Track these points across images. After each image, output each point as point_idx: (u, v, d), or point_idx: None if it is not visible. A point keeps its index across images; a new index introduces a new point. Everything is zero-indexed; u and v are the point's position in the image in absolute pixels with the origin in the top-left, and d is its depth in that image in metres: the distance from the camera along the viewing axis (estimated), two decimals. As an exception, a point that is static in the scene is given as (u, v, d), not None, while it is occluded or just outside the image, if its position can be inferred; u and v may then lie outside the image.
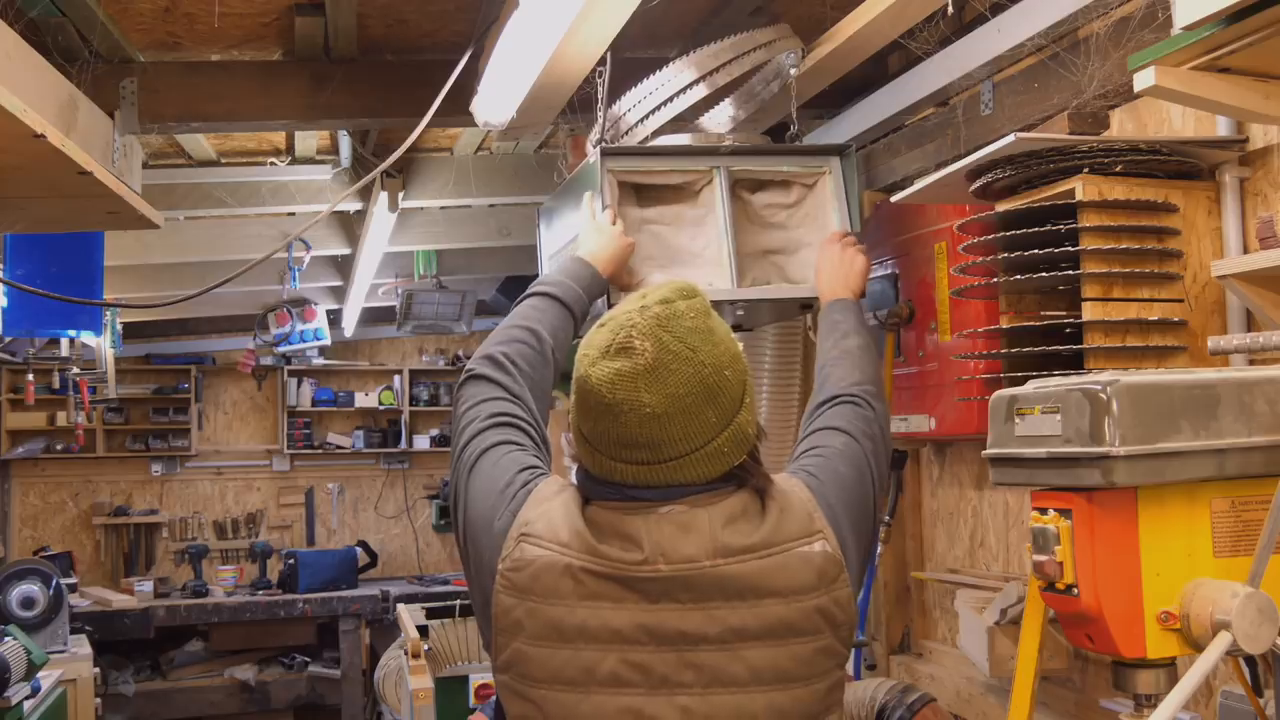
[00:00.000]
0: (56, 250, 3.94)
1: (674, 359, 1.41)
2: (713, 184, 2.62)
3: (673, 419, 1.41)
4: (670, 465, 1.45)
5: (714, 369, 1.43)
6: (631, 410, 1.41)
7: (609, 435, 1.45)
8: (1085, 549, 1.55)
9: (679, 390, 1.41)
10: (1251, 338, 1.80)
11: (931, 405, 3.01)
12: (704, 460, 1.46)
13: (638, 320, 1.44)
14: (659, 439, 1.42)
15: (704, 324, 1.46)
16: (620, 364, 1.42)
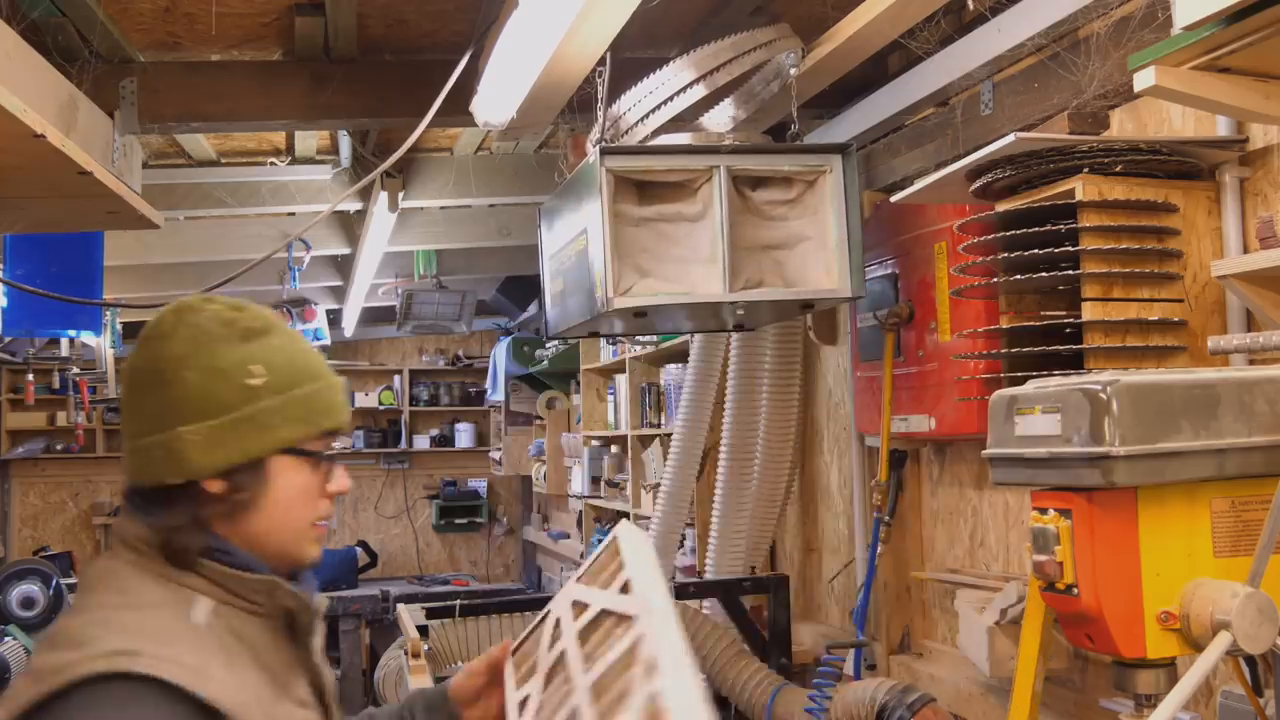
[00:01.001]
0: (56, 250, 3.94)
1: (155, 332, 1.31)
2: (712, 182, 2.62)
3: (127, 388, 1.31)
4: (125, 447, 1.31)
5: (175, 359, 1.27)
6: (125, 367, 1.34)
7: None
8: (1085, 549, 1.55)
9: (139, 363, 1.30)
10: (1251, 338, 1.80)
11: (931, 405, 3.01)
12: (135, 455, 1.28)
13: (180, 300, 1.35)
14: (121, 408, 1.33)
15: (210, 327, 1.30)
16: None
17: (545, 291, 3.16)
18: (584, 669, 1.39)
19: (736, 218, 2.65)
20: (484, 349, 9.11)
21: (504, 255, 6.12)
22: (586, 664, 1.39)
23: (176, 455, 1.26)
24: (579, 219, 2.74)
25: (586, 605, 1.49)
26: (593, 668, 1.37)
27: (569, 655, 1.48)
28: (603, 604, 1.46)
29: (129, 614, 1.20)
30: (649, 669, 1.23)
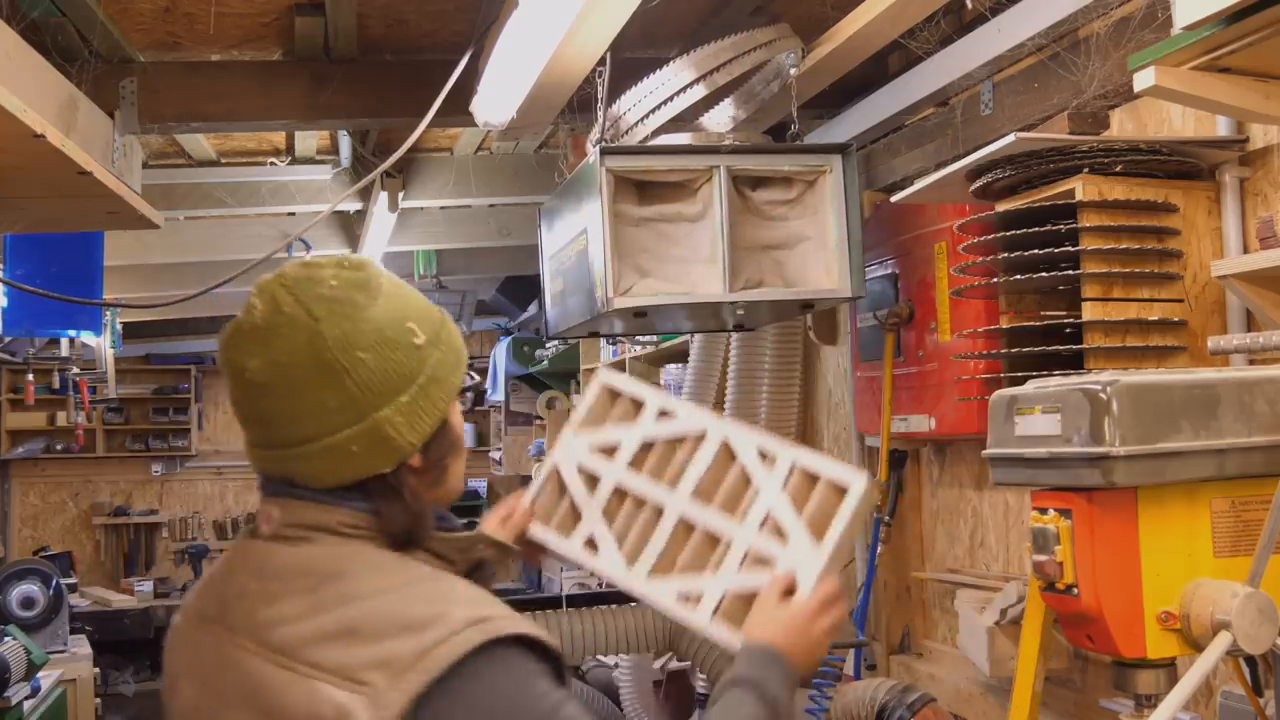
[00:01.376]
0: (56, 250, 3.94)
1: (287, 322, 1.17)
2: (712, 182, 2.63)
3: (276, 391, 1.16)
4: (287, 454, 1.18)
5: (339, 343, 1.16)
6: (236, 374, 1.19)
7: (232, 404, 1.24)
8: (1085, 549, 1.55)
9: (284, 358, 1.16)
10: (1251, 338, 1.80)
11: (931, 405, 3.01)
12: (324, 456, 1.17)
13: (267, 279, 1.23)
14: (268, 416, 1.18)
15: (348, 296, 1.19)
16: (234, 323, 1.21)
17: (545, 291, 3.17)
18: (690, 486, 1.73)
19: (736, 218, 2.65)
20: (484, 349, 9.11)
21: (504, 255, 6.12)
22: (677, 482, 1.74)
23: (384, 443, 1.19)
24: (579, 219, 2.74)
25: (616, 443, 1.80)
26: (694, 482, 1.73)
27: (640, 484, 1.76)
28: (644, 435, 1.81)
29: (429, 586, 1.17)
30: (774, 454, 1.69)
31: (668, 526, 1.75)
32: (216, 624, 1.20)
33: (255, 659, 1.14)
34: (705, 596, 1.68)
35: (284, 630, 1.13)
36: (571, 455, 1.82)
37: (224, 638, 1.18)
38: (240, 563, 1.24)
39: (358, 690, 1.07)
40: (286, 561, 1.18)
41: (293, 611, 1.14)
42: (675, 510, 1.75)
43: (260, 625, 1.15)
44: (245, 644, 1.15)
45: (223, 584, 1.24)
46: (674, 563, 1.74)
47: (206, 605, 1.24)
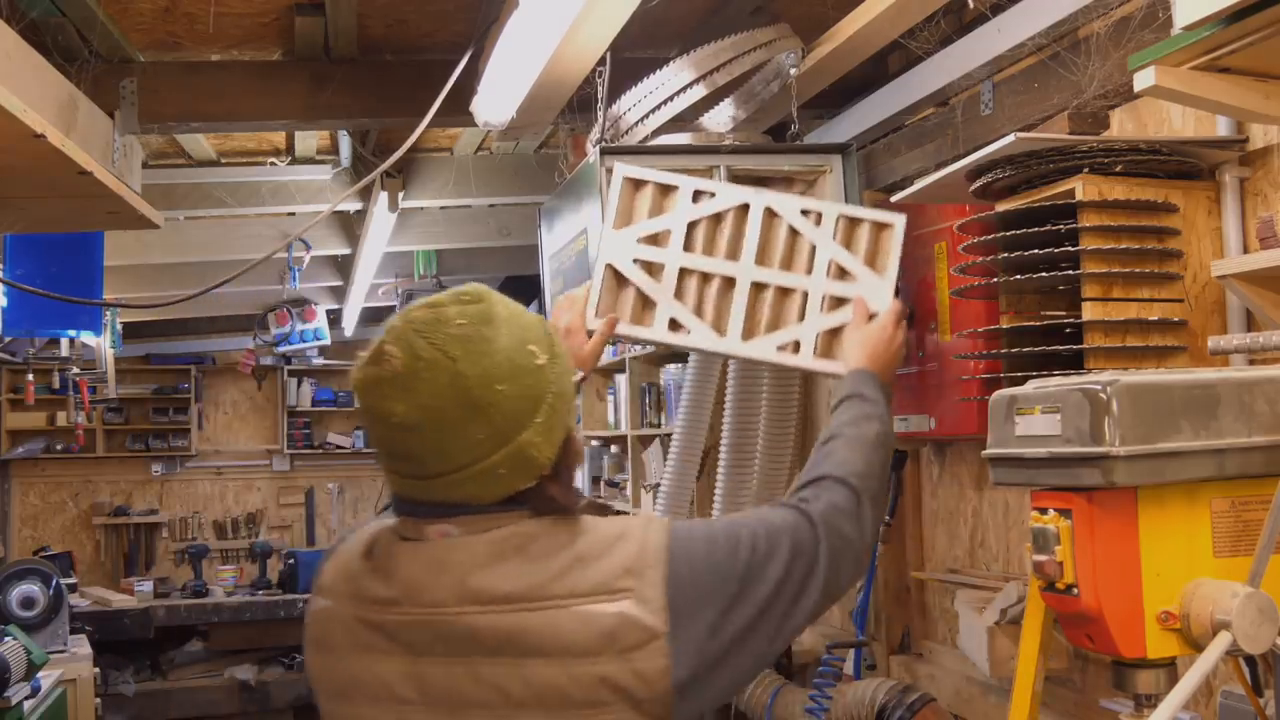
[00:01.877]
0: (56, 250, 3.94)
1: (426, 367, 1.26)
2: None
3: (426, 432, 1.27)
4: (436, 482, 1.30)
5: (479, 381, 1.26)
6: (383, 419, 1.29)
7: (377, 443, 1.34)
8: (1085, 549, 1.55)
9: (433, 401, 1.26)
10: (1251, 338, 1.80)
11: (931, 405, 3.01)
12: (475, 480, 1.29)
13: (397, 325, 1.31)
14: (418, 452, 1.29)
15: (476, 332, 1.29)
16: (370, 370, 1.29)
17: (545, 291, 3.17)
18: (752, 254, 2.03)
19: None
20: (484, 349, 9.09)
21: (504, 255, 6.12)
22: (738, 252, 2.03)
23: (528, 462, 1.31)
24: (579, 219, 2.75)
25: (661, 230, 2.06)
26: (754, 249, 2.03)
27: (703, 262, 2.04)
28: (688, 217, 2.05)
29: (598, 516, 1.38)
30: (817, 210, 2.02)
31: (743, 293, 2.06)
32: (399, 606, 1.31)
33: (488, 615, 1.28)
34: (802, 342, 2.03)
35: (516, 583, 1.28)
36: (622, 250, 2.05)
37: (424, 613, 1.30)
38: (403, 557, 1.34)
39: (622, 595, 1.28)
40: (476, 545, 1.31)
41: (514, 569, 1.29)
42: (745, 277, 2.05)
43: (476, 590, 1.29)
44: (465, 609, 1.29)
45: (383, 579, 1.34)
46: (758, 322, 2.06)
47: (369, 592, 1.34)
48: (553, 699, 1.28)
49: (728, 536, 1.38)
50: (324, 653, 1.38)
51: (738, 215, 2.08)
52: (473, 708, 1.29)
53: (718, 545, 1.37)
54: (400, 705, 1.32)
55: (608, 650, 1.27)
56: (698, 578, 1.33)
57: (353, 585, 1.36)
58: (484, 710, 1.29)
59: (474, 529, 1.32)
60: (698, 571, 1.33)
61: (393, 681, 1.32)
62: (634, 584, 1.29)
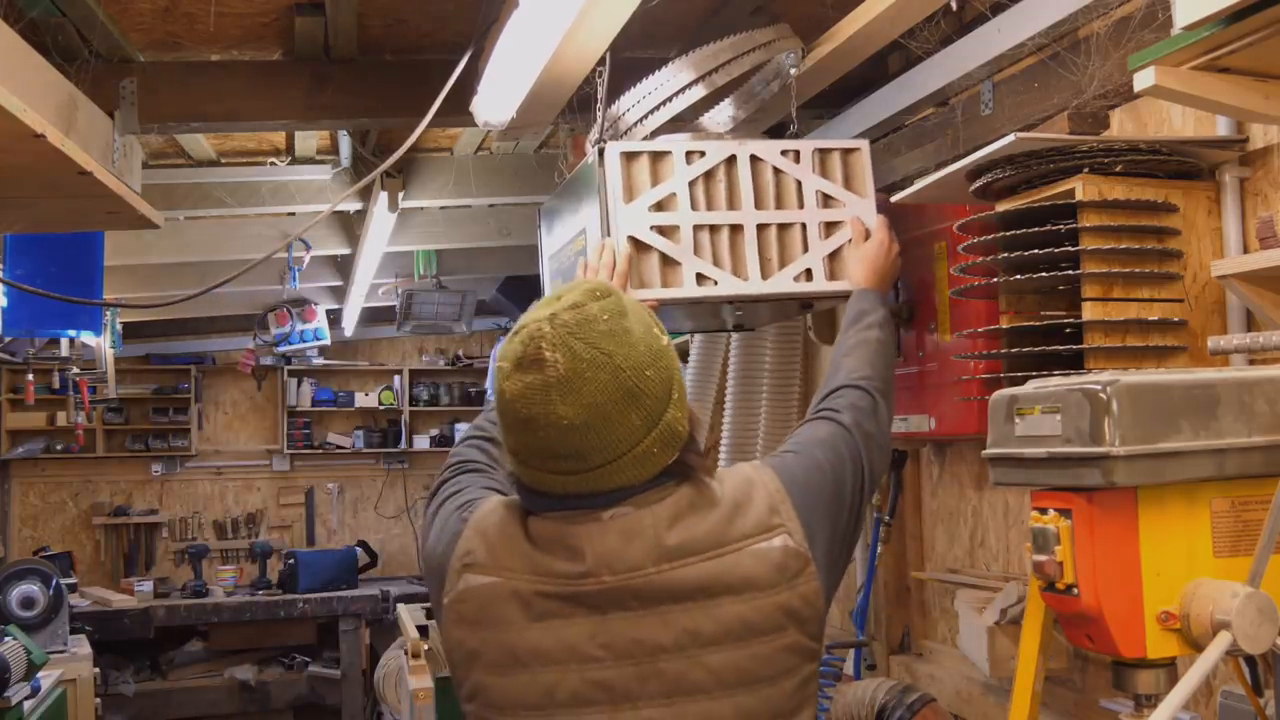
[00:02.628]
0: (56, 250, 3.94)
1: (588, 367, 1.37)
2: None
3: (593, 428, 1.37)
4: (598, 472, 1.41)
5: (633, 371, 1.39)
6: (549, 424, 1.37)
7: (531, 447, 1.42)
8: (1085, 549, 1.55)
9: (597, 398, 1.37)
10: (1251, 338, 1.80)
11: (931, 405, 3.01)
12: (633, 464, 1.42)
13: (547, 330, 1.38)
14: (582, 449, 1.38)
15: (619, 325, 1.40)
16: (532, 377, 1.37)
17: (545, 291, 3.16)
18: (750, 200, 2.25)
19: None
20: (484, 349, 9.11)
21: (504, 255, 6.12)
22: (737, 201, 2.23)
23: (674, 437, 1.45)
24: (579, 219, 2.74)
25: (667, 195, 2.26)
26: (750, 195, 2.28)
27: (711, 216, 2.23)
28: (687, 178, 2.25)
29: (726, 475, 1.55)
30: (793, 149, 2.30)
31: (752, 236, 2.28)
32: (594, 576, 1.42)
33: (683, 569, 1.42)
34: (813, 269, 2.29)
35: (699, 537, 1.44)
36: (637, 221, 2.26)
37: (621, 579, 1.42)
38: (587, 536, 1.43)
39: (778, 531, 1.47)
40: (656, 513, 1.44)
41: (693, 527, 1.44)
42: (751, 222, 2.27)
43: (672, 548, 1.43)
44: (663, 566, 1.42)
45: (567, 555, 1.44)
46: (771, 260, 2.27)
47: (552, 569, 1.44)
48: (740, 631, 1.43)
49: (810, 462, 1.59)
50: (487, 627, 1.45)
51: (728, 167, 2.30)
52: (661, 653, 1.42)
53: (811, 472, 1.57)
54: (585, 664, 1.42)
55: (781, 580, 1.45)
56: (811, 503, 1.52)
57: (529, 563, 1.45)
58: (673, 654, 1.42)
59: (643, 504, 1.44)
60: (809, 498, 1.53)
61: (577, 643, 1.42)
62: (781, 520, 1.48)
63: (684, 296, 2.23)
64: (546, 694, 1.42)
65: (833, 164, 2.39)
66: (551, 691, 1.42)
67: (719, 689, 1.42)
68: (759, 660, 1.43)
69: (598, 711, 1.42)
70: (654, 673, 1.42)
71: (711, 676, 1.42)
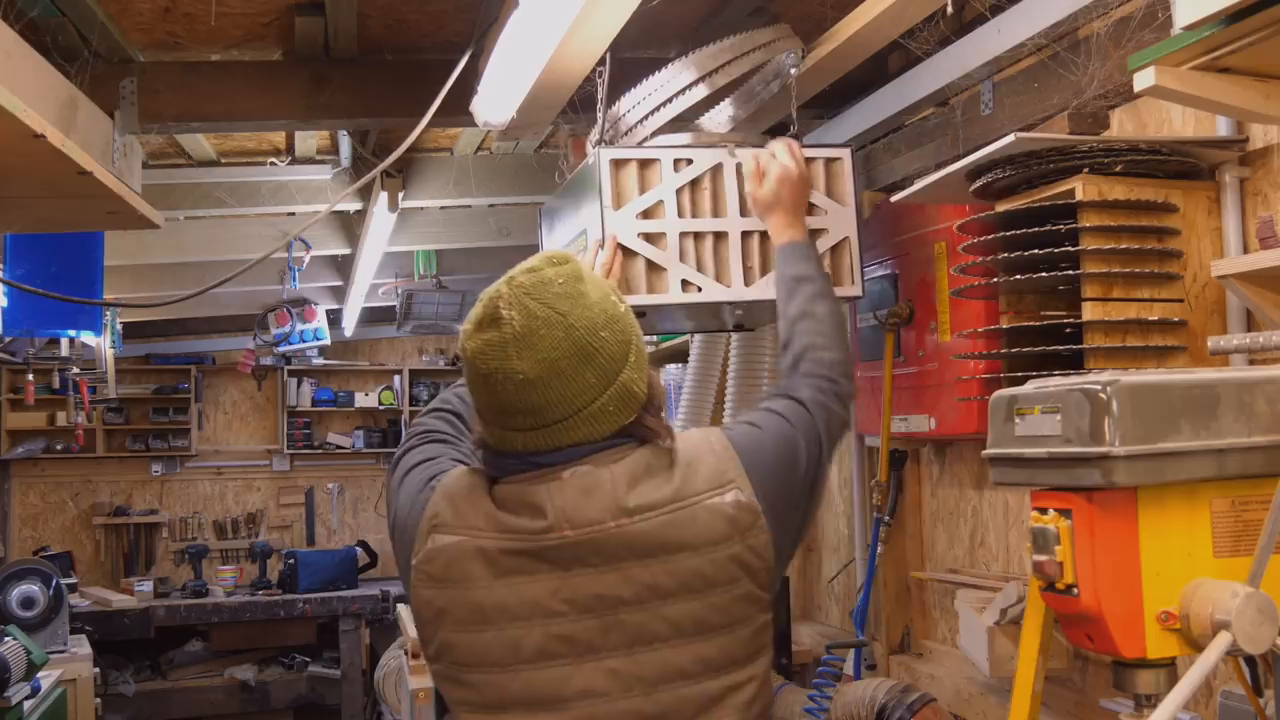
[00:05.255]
0: (56, 250, 3.94)
1: (542, 324, 1.44)
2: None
3: (549, 383, 1.44)
4: (556, 428, 1.47)
5: (587, 330, 1.45)
6: (506, 378, 1.44)
7: (492, 405, 1.48)
8: (1085, 549, 1.55)
9: (551, 354, 1.43)
10: (1251, 338, 1.80)
11: (931, 405, 3.01)
12: (589, 420, 1.48)
13: (505, 291, 1.47)
14: (538, 404, 1.45)
15: (574, 289, 1.47)
16: (490, 334, 1.45)
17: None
18: (735, 206, 2.31)
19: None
20: (484, 349, 9.09)
21: (504, 255, 6.11)
22: (722, 208, 2.32)
23: (631, 397, 1.51)
24: (579, 219, 2.74)
25: (655, 202, 2.31)
26: (736, 201, 2.32)
27: (696, 224, 2.30)
28: (675, 185, 2.33)
29: (679, 438, 1.58)
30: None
31: (736, 243, 2.33)
32: (556, 530, 1.47)
33: (642, 524, 1.48)
34: None
35: (658, 493, 1.49)
36: (625, 227, 2.31)
37: (581, 533, 1.47)
38: (548, 493, 1.49)
39: (729, 486, 1.53)
40: (614, 471, 1.49)
41: (651, 485, 1.50)
42: (735, 229, 2.33)
43: (632, 505, 1.48)
44: (621, 521, 1.47)
45: (530, 512, 1.49)
46: (753, 267, 2.31)
47: (514, 525, 1.49)
48: (697, 583, 1.48)
49: (763, 429, 1.64)
50: (453, 585, 1.51)
51: (714, 175, 2.35)
52: (622, 606, 1.47)
53: (761, 436, 1.62)
54: (548, 619, 1.47)
55: (734, 533, 1.50)
56: (758, 463, 1.57)
57: (492, 521, 1.50)
58: (635, 606, 1.47)
59: (602, 463, 1.49)
60: (756, 457, 1.58)
61: (542, 599, 1.48)
62: (733, 475, 1.53)
63: (668, 302, 2.28)
64: (512, 649, 1.48)
65: (816, 172, 2.44)
66: (517, 646, 1.48)
67: (678, 638, 1.49)
68: (715, 610, 1.50)
69: (562, 664, 1.48)
70: (615, 625, 1.48)
71: (670, 627, 1.48)
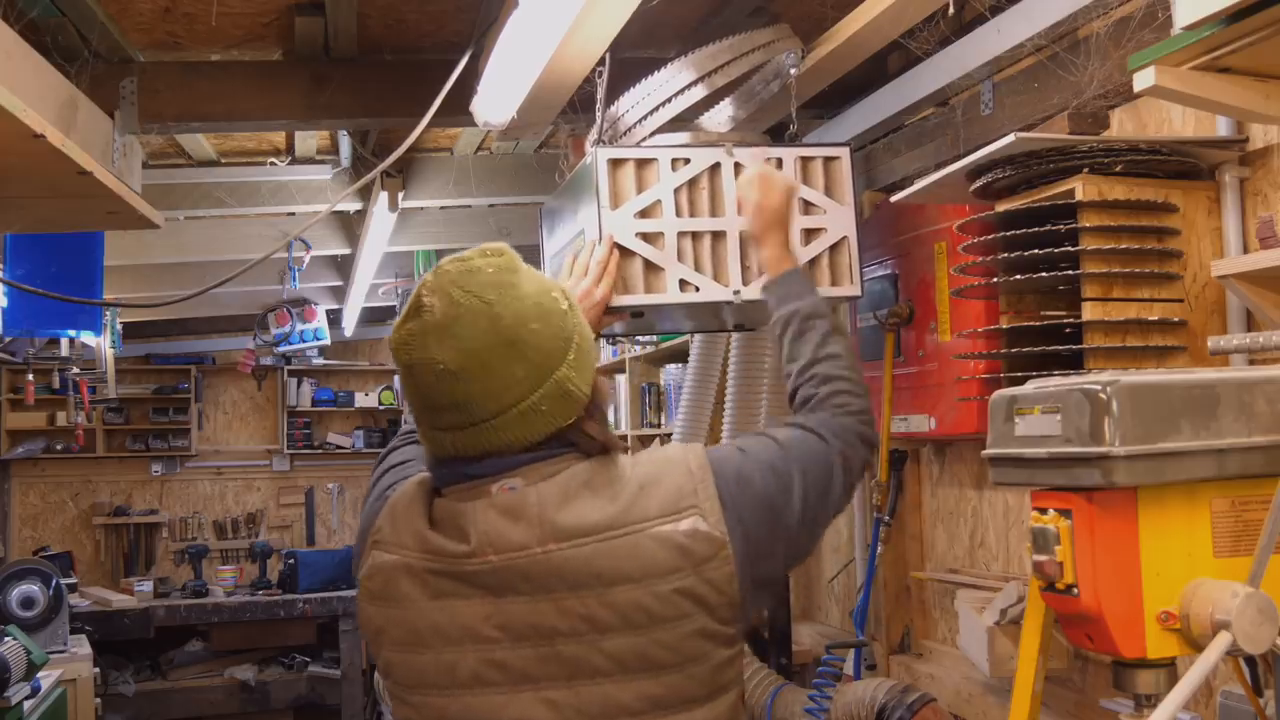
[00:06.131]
0: (56, 250, 3.94)
1: (466, 312, 1.34)
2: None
3: (471, 374, 1.34)
4: (483, 428, 1.37)
5: (514, 320, 1.35)
6: (427, 368, 1.35)
7: (418, 401, 1.40)
8: (1085, 549, 1.55)
9: (474, 344, 1.34)
10: (1251, 338, 1.80)
11: (931, 405, 3.01)
12: (519, 421, 1.37)
13: (430, 280, 1.39)
14: (462, 398, 1.35)
15: (505, 279, 1.38)
16: (412, 324, 1.37)
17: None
18: (734, 206, 2.27)
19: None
20: (484, 349, 9.09)
21: (504, 255, 6.11)
22: (720, 207, 2.30)
23: (567, 396, 1.40)
24: (579, 219, 2.74)
25: (653, 202, 2.32)
26: (734, 201, 2.26)
27: (694, 223, 2.31)
28: (673, 185, 2.32)
29: (643, 456, 1.49)
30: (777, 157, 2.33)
31: (734, 243, 2.32)
32: (479, 555, 1.38)
33: (572, 551, 1.37)
34: None
35: (595, 515, 1.38)
36: (622, 227, 2.29)
37: (506, 559, 1.37)
38: (474, 514, 1.39)
39: (688, 512, 1.40)
40: (544, 489, 1.39)
41: (587, 505, 1.38)
42: (734, 229, 2.31)
43: (563, 528, 1.37)
44: (549, 547, 1.37)
45: (455, 534, 1.40)
46: (751, 267, 2.29)
47: (441, 548, 1.40)
48: (640, 619, 1.37)
49: (749, 453, 1.51)
50: (391, 604, 1.44)
51: (711, 174, 2.34)
52: (559, 637, 1.38)
53: (750, 461, 1.49)
54: (482, 645, 1.39)
55: (684, 564, 1.38)
56: (743, 490, 1.45)
57: (420, 541, 1.42)
58: (571, 639, 1.38)
59: (535, 478, 1.39)
60: (742, 485, 1.45)
61: (474, 624, 1.39)
62: (695, 501, 1.41)
63: (666, 301, 2.27)
64: (448, 673, 1.41)
65: (815, 171, 2.43)
66: (453, 670, 1.41)
67: (620, 674, 1.38)
68: (662, 647, 1.38)
69: (497, 692, 1.39)
70: (552, 655, 1.38)
71: (612, 662, 1.38)
